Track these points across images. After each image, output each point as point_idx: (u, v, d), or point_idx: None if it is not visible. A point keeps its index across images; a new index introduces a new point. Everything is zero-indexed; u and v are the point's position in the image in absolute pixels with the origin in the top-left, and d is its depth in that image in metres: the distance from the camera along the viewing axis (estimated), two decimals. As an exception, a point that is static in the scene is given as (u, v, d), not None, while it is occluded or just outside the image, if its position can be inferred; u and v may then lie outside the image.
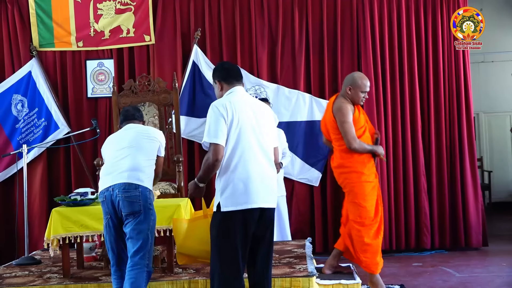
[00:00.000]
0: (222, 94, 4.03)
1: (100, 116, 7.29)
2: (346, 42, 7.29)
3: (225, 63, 4.33)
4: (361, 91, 5.02)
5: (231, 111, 3.83)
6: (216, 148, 3.76)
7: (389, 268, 6.36)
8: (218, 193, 3.84)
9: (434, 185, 7.16)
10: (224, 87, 4.03)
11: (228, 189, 3.80)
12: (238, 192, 3.79)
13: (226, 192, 3.79)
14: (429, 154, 7.21)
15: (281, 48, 7.29)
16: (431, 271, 6.25)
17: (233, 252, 3.78)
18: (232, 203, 3.79)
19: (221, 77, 4.06)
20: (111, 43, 7.38)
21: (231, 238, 3.78)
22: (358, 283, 5.14)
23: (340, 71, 7.23)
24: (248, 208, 3.80)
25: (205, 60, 7.15)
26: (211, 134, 3.79)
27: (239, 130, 3.83)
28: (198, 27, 7.27)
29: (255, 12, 7.30)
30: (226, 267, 3.77)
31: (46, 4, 7.35)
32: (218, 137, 3.77)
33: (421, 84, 7.24)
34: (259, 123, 3.92)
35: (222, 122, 3.80)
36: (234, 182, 3.79)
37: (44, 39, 7.39)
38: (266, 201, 3.86)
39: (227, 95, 3.98)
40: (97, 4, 7.35)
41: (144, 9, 7.32)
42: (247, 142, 3.85)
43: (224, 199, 3.79)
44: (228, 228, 3.79)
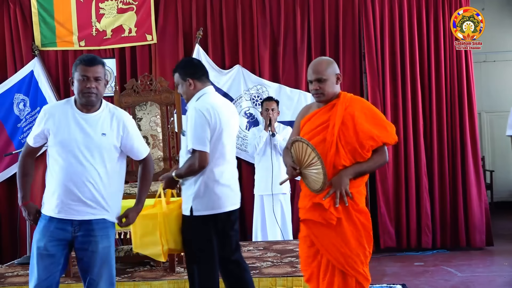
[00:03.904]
0: (194, 93, 3.95)
1: (102, 116, 7.28)
2: (348, 42, 7.29)
3: (192, 58, 4.22)
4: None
5: (214, 116, 3.83)
6: (204, 156, 3.78)
7: (391, 267, 6.37)
8: (191, 196, 3.83)
9: (436, 185, 7.16)
10: (197, 86, 3.96)
11: (205, 194, 3.83)
12: (216, 197, 3.85)
13: (201, 196, 3.82)
14: (431, 154, 7.20)
15: (283, 47, 7.29)
16: (432, 271, 6.25)
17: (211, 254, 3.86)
18: (207, 207, 3.83)
19: (193, 75, 3.96)
20: (113, 42, 7.39)
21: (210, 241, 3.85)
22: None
23: (342, 70, 7.22)
24: (223, 212, 3.88)
25: (207, 60, 7.15)
26: (199, 141, 3.77)
27: (219, 135, 3.86)
28: (200, 27, 7.27)
29: (257, 11, 7.31)
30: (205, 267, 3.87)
31: (48, 3, 7.36)
32: (205, 145, 3.79)
33: (423, 83, 7.24)
34: (234, 127, 3.99)
35: (207, 128, 3.80)
36: (209, 187, 3.83)
37: (46, 39, 7.40)
38: (236, 203, 3.98)
39: (202, 96, 3.93)
40: (99, 3, 7.36)
41: (146, 8, 7.33)
42: (224, 146, 3.90)
43: (199, 204, 3.82)
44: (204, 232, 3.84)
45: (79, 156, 3.45)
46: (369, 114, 3.66)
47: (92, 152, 3.47)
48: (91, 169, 3.46)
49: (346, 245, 3.54)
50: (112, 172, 3.54)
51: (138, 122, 6.94)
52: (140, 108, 6.95)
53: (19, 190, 3.68)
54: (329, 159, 3.55)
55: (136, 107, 6.94)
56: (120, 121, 3.60)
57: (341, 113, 3.62)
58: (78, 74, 3.49)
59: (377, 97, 7.10)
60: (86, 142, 3.47)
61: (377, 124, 3.62)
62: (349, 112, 3.62)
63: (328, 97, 3.70)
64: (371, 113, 3.67)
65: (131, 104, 6.95)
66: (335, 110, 3.64)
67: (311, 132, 3.69)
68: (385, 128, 3.64)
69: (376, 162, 3.63)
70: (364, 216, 3.62)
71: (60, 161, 3.46)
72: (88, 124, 3.51)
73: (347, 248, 3.54)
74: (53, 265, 3.47)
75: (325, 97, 3.69)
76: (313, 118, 3.75)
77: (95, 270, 3.52)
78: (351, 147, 3.57)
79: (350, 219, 3.57)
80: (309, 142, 3.50)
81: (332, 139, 3.57)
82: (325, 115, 3.69)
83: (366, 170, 3.62)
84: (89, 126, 3.51)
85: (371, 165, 3.61)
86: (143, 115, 6.96)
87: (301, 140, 3.56)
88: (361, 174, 3.61)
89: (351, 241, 3.54)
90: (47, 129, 3.51)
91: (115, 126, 3.57)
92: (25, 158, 3.68)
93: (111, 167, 3.54)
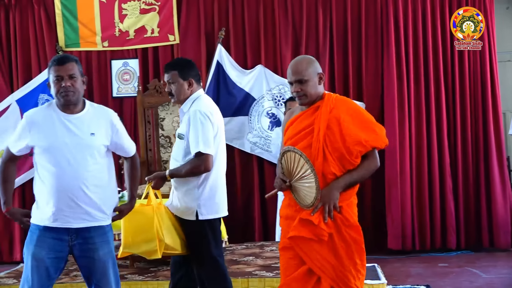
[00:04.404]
0: (189, 94, 3.94)
1: (125, 116, 7.32)
2: (370, 42, 7.24)
3: (189, 59, 4.20)
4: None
5: (216, 119, 3.89)
6: (210, 159, 3.79)
7: (415, 268, 6.33)
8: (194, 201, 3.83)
9: (460, 185, 7.09)
10: (194, 88, 3.96)
11: (209, 198, 3.86)
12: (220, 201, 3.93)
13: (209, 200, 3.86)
14: (455, 154, 7.13)
15: (305, 47, 7.26)
16: (457, 272, 6.19)
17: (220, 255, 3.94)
18: (212, 211, 3.88)
19: (194, 76, 3.97)
20: (136, 43, 7.42)
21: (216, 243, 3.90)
22: (383, 283, 5.10)
23: (365, 71, 7.20)
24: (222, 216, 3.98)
25: (230, 60, 7.16)
26: (206, 144, 3.77)
27: (219, 138, 3.92)
28: (222, 27, 7.28)
29: (279, 11, 7.29)
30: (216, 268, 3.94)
31: (71, 4, 7.41)
32: (211, 148, 3.79)
33: (447, 83, 7.17)
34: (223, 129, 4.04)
35: (212, 131, 3.83)
36: (214, 191, 3.88)
37: (69, 39, 7.45)
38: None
39: (199, 98, 3.94)
40: (121, 4, 7.39)
41: (168, 8, 7.35)
42: (222, 150, 3.98)
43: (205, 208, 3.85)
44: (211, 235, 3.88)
45: (71, 160, 3.34)
46: (356, 116, 3.41)
47: (84, 154, 3.37)
48: (84, 172, 3.36)
49: (338, 261, 3.34)
50: (104, 171, 3.47)
51: (161, 122, 6.99)
52: (162, 108, 6.99)
53: (1, 196, 3.52)
54: (317, 167, 3.30)
55: (159, 107, 6.99)
56: (108, 120, 3.51)
57: (326, 116, 3.38)
58: (52, 75, 3.39)
59: (400, 98, 7.04)
60: (76, 144, 3.36)
61: (365, 127, 3.38)
62: (334, 115, 3.39)
63: (311, 98, 3.46)
64: (358, 115, 3.42)
65: (154, 104, 7.00)
66: (319, 112, 3.41)
67: (295, 137, 3.46)
68: (373, 131, 3.40)
69: (367, 169, 3.40)
70: (355, 230, 3.39)
71: (51, 167, 3.34)
72: (74, 125, 3.40)
73: (338, 264, 3.34)
74: (48, 278, 3.41)
75: (308, 99, 3.46)
76: (296, 122, 3.51)
77: (98, 277, 3.46)
78: (338, 153, 3.34)
79: (340, 234, 3.36)
80: (302, 153, 3.28)
81: (319, 145, 3.35)
82: (308, 119, 3.45)
83: (357, 180, 3.40)
84: (76, 127, 3.40)
85: (362, 173, 3.39)
86: (166, 115, 7.00)
87: (293, 150, 3.33)
88: (352, 184, 3.39)
89: (343, 256, 3.35)
90: (31, 141, 3.39)
91: (103, 124, 3.48)
92: (6, 163, 3.53)
93: (103, 166, 3.46)
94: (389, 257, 6.80)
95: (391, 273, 5.50)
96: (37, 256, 3.37)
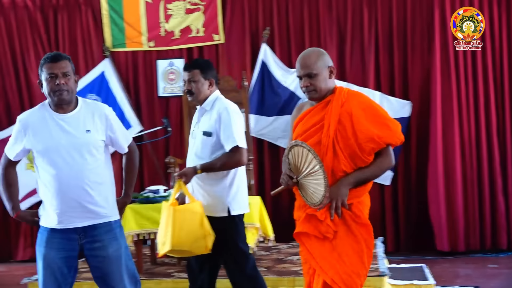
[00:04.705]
0: (208, 94, 4.01)
1: (171, 115, 7.39)
2: (416, 39, 7.13)
3: (209, 60, 4.28)
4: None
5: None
6: (246, 153, 3.93)
7: (464, 269, 6.22)
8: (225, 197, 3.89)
9: (510, 185, 6.92)
10: (213, 88, 4.04)
11: (238, 193, 3.95)
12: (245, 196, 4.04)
13: (237, 196, 3.94)
14: (504, 153, 6.98)
15: (350, 45, 7.21)
16: (507, 273, 6.05)
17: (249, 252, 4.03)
18: (241, 207, 3.97)
19: (215, 77, 4.06)
20: (181, 42, 7.48)
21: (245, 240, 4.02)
22: (431, 284, 5.04)
23: (410, 68, 7.10)
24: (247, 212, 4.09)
25: (274, 59, 7.14)
26: (242, 139, 3.90)
27: None
28: (266, 26, 7.27)
29: (323, 9, 7.24)
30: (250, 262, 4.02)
31: (118, 5, 7.51)
32: (245, 143, 3.94)
33: (495, 79, 7.01)
34: None
35: (243, 127, 4.01)
36: (241, 187, 3.99)
37: (116, 40, 7.55)
38: None
39: (219, 97, 4.04)
40: (167, 4, 7.46)
41: (213, 8, 7.38)
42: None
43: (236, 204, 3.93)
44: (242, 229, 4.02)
45: (69, 160, 3.30)
46: (369, 111, 3.20)
47: (81, 152, 3.32)
48: (84, 170, 3.32)
49: (345, 262, 3.12)
50: (104, 167, 3.45)
51: (206, 121, 6.99)
52: (208, 107, 7.00)
53: (7, 202, 3.49)
54: (326, 164, 3.10)
55: (204, 106, 7.00)
56: (102, 115, 3.45)
57: (337, 111, 3.19)
58: (45, 73, 3.32)
59: (448, 96, 6.92)
60: (72, 143, 3.32)
61: (378, 123, 3.17)
62: (346, 109, 3.19)
63: (322, 93, 3.27)
64: (371, 110, 3.21)
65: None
66: (330, 107, 3.21)
67: (304, 134, 3.27)
68: (387, 126, 3.18)
69: (380, 167, 3.19)
70: (366, 230, 3.19)
71: (51, 170, 3.31)
72: (68, 124, 3.35)
73: (345, 265, 3.11)
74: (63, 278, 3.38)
75: (318, 94, 3.27)
76: (306, 117, 3.32)
77: (112, 277, 3.41)
78: (350, 150, 3.15)
79: (351, 232, 3.15)
80: (310, 148, 3.09)
81: (328, 141, 3.16)
82: (319, 114, 3.26)
83: (369, 177, 3.19)
84: (71, 126, 3.34)
85: (374, 171, 3.18)
86: (211, 114, 7.00)
87: (301, 144, 3.14)
88: (363, 182, 3.18)
89: (352, 256, 3.13)
90: (28, 144, 3.37)
91: (97, 120, 3.42)
92: (6, 169, 3.49)
93: (102, 162, 3.43)
94: (437, 258, 6.69)
95: (439, 274, 5.41)
96: (47, 257, 3.37)
